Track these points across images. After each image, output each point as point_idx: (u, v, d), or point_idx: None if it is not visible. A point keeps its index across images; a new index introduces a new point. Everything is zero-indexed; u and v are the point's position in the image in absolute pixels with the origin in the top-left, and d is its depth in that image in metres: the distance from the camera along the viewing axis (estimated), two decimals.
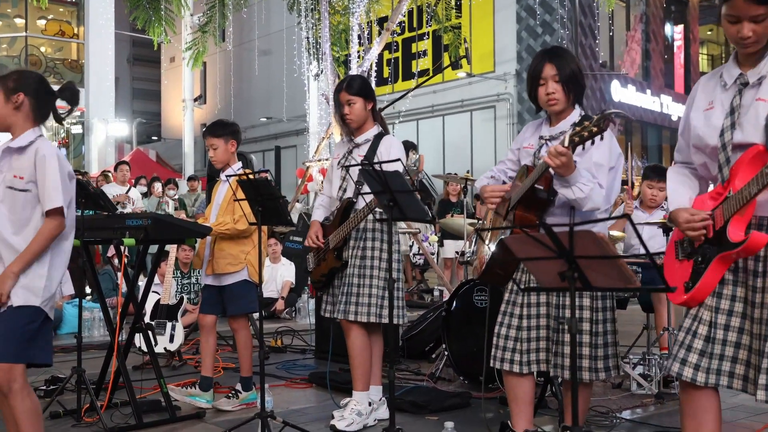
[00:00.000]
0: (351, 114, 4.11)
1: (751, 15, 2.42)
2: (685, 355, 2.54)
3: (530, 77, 3.34)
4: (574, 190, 3.07)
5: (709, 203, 2.57)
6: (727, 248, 2.44)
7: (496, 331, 3.39)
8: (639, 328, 5.44)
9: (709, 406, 2.56)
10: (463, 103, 21.97)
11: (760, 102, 2.47)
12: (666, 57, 25.06)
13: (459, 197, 10.10)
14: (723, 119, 2.54)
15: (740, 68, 2.57)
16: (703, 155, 2.63)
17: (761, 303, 2.45)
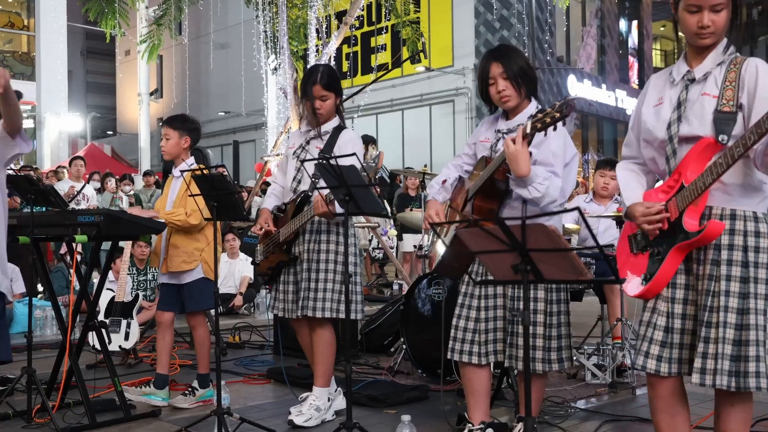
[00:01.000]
0: (322, 109, 4.05)
1: (711, 4, 2.48)
2: (647, 347, 2.59)
3: (480, 78, 3.38)
4: (530, 189, 3.11)
5: (661, 196, 2.62)
6: (684, 238, 2.49)
7: (454, 324, 3.41)
8: (594, 319, 5.52)
9: (678, 395, 2.62)
10: (422, 98, 22.02)
11: (705, 96, 2.54)
12: (620, 52, 25.40)
13: (417, 191, 10.13)
14: (670, 113, 2.60)
15: (688, 65, 2.63)
16: (652, 149, 2.68)
17: (701, 290, 2.52)
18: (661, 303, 2.59)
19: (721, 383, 2.45)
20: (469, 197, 3.41)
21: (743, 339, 2.46)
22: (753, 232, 2.51)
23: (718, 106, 2.50)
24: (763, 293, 2.49)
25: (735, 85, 2.50)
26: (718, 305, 2.47)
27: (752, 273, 2.49)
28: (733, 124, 2.47)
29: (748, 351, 2.45)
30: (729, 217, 2.52)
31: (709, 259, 2.52)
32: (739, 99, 2.49)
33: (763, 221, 2.55)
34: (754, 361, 2.45)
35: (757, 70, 2.49)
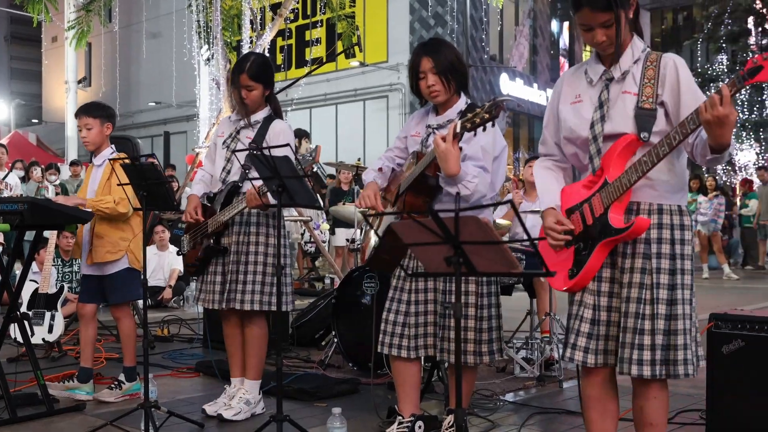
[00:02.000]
0: (248, 99, 3.99)
1: (600, 22, 2.54)
2: (574, 339, 2.63)
3: (410, 71, 3.39)
4: (459, 187, 3.14)
5: (583, 192, 2.66)
6: (610, 234, 2.54)
7: (384, 317, 3.42)
8: (523, 313, 5.60)
9: (609, 385, 2.67)
10: (357, 92, 22.01)
11: (626, 94, 2.59)
12: (552, 52, 25.85)
13: (350, 185, 10.12)
14: (592, 112, 2.64)
15: (603, 65, 2.68)
16: (574, 146, 2.72)
17: (629, 283, 2.58)
18: (588, 296, 2.64)
19: (653, 373, 2.51)
20: (400, 192, 3.42)
21: (672, 329, 2.53)
22: (678, 225, 2.59)
23: (638, 104, 2.55)
24: (688, 283, 2.58)
25: (654, 82, 2.56)
26: (651, 297, 2.54)
27: (679, 265, 2.57)
28: (654, 120, 2.53)
29: (677, 340, 2.53)
30: (657, 211, 2.59)
31: (640, 253, 2.58)
32: (659, 96, 2.55)
33: (686, 214, 2.64)
34: (682, 350, 2.53)
35: (676, 68, 2.56)
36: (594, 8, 2.51)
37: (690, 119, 2.36)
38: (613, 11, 2.51)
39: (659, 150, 2.43)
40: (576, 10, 2.57)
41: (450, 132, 3.02)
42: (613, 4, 2.50)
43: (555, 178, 2.83)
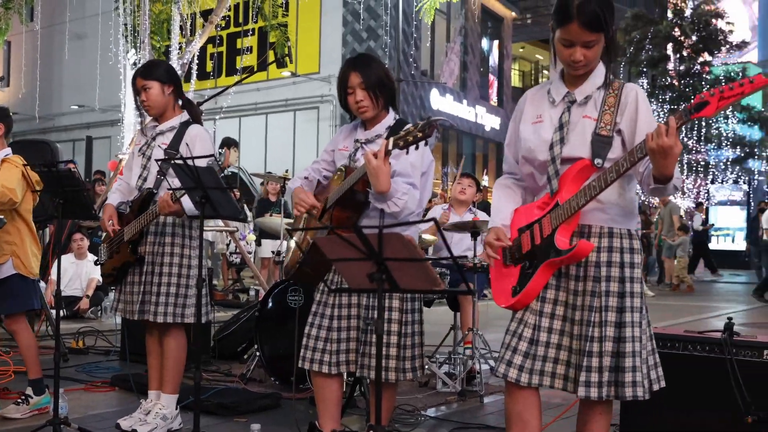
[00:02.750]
0: (148, 100, 3.91)
1: (584, 41, 2.55)
2: (510, 356, 2.64)
3: (339, 86, 3.37)
4: (389, 204, 3.13)
5: (536, 212, 2.69)
6: (554, 255, 2.56)
7: (306, 332, 3.38)
8: (446, 328, 5.64)
9: (533, 405, 2.68)
10: (287, 103, 21.90)
11: (586, 119, 2.62)
12: (482, 70, 26.24)
13: (278, 196, 10.04)
14: (552, 134, 2.66)
15: (567, 86, 2.70)
16: (531, 167, 2.75)
17: (581, 306, 2.61)
18: (530, 315, 2.65)
19: (600, 395, 2.54)
20: (328, 206, 3.40)
21: (620, 351, 2.57)
22: (628, 249, 2.64)
23: (596, 130, 2.59)
24: (638, 306, 2.62)
25: (614, 110, 2.59)
26: (599, 320, 2.57)
27: (628, 288, 2.61)
28: (609, 148, 2.57)
29: (625, 362, 2.56)
30: (607, 235, 2.63)
31: (590, 276, 2.61)
32: (617, 124, 2.59)
33: (635, 238, 2.68)
34: (630, 372, 2.56)
35: (636, 98, 2.61)
36: (583, 25, 2.51)
37: (638, 148, 2.40)
38: (600, 33, 2.54)
39: (608, 176, 2.47)
40: (563, 24, 2.55)
41: (382, 149, 3.01)
42: (603, 26, 2.52)
43: (512, 197, 2.85)
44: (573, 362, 2.62)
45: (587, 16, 2.50)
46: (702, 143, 26.24)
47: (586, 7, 2.49)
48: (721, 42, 27.04)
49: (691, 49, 26.82)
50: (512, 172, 2.90)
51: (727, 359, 3.35)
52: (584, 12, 2.49)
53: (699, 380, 3.43)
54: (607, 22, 2.52)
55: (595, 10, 2.49)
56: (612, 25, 2.56)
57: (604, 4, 2.52)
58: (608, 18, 2.52)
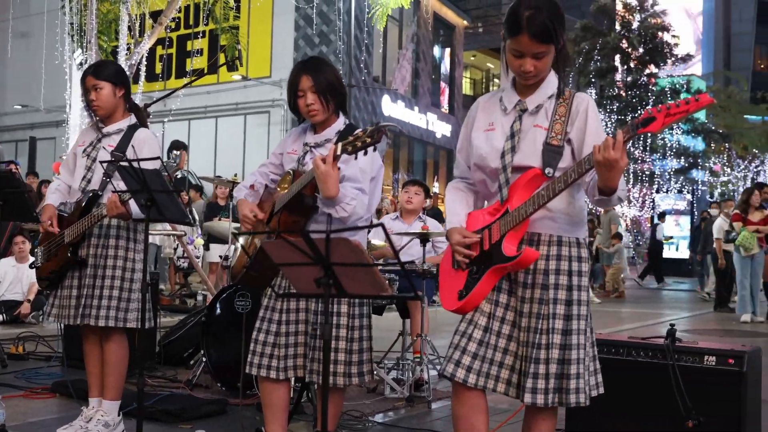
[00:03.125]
0: (98, 100, 3.85)
1: (534, 52, 2.57)
2: (459, 357, 2.64)
3: (289, 89, 3.35)
4: (337, 209, 3.12)
5: (486, 218, 2.71)
6: (501, 261, 2.58)
7: (254, 337, 3.35)
8: (395, 334, 5.64)
9: (480, 407, 2.69)
10: (238, 106, 21.74)
11: (537, 128, 2.64)
12: (433, 77, 26.40)
13: (227, 201, 9.95)
14: (504, 142, 2.68)
15: (519, 95, 2.72)
16: (483, 174, 2.76)
17: (528, 312, 2.63)
18: (481, 317, 2.66)
19: (546, 401, 2.56)
20: (275, 211, 3.37)
21: (566, 358, 2.59)
22: (576, 257, 2.66)
23: (547, 139, 2.61)
24: (584, 314, 2.65)
25: (564, 120, 2.62)
26: (546, 327, 2.59)
27: (575, 296, 2.63)
28: (560, 157, 2.60)
29: (570, 369, 2.59)
30: (556, 243, 2.65)
31: (538, 283, 2.63)
32: (567, 134, 2.62)
33: (584, 246, 2.71)
34: (575, 379, 2.59)
35: (587, 108, 2.64)
36: (533, 37, 2.53)
37: (586, 159, 2.43)
38: (550, 44, 2.55)
39: (556, 186, 2.50)
40: (513, 35, 2.56)
41: (330, 154, 3.00)
42: (552, 37, 2.54)
43: (465, 200, 2.86)
44: (518, 368, 2.64)
45: (537, 28, 2.52)
46: (648, 153, 26.82)
47: (536, 19, 2.52)
48: (666, 54, 27.72)
49: (637, 60, 27.43)
50: (464, 177, 2.92)
51: (669, 365, 3.41)
52: (534, 24, 2.52)
53: (642, 385, 3.49)
54: (556, 33, 2.54)
55: (544, 22, 2.52)
56: (562, 36, 2.58)
57: (554, 16, 2.55)
58: (558, 29, 2.55)
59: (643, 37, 27.17)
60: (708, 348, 3.43)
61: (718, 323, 10.46)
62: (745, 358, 3.32)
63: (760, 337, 8.82)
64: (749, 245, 10.15)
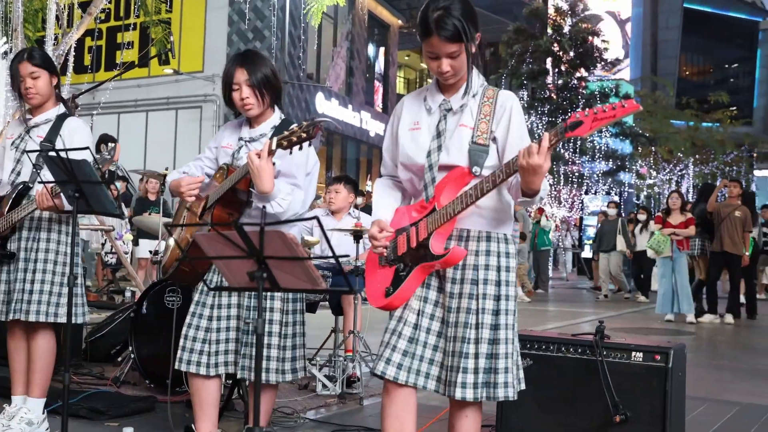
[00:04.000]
0: (35, 88, 3.73)
1: (447, 52, 2.59)
2: (389, 355, 2.64)
3: (224, 82, 3.31)
4: (272, 205, 3.10)
5: (414, 215, 2.71)
6: (429, 259, 2.59)
7: (184, 333, 3.30)
8: (327, 331, 5.62)
9: (410, 404, 2.69)
10: (169, 101, 21.37)
11: (463, 128, 2.66)
12: (368, 76, 26.42)
13: (157, 195, 9.78)
14: (430, 141, 2.69)
15: (443, 94, 2.74)
16: (409, 172, 2.77)
17: (457, 307, 2.64)
18: (411, 315, 2.67)
19: (476, 396, 2.58)
20: (208, 205, 3.32)
21: (494, 352, 2.61)
22: (504, 253, 2.69)
23: (473, 138, 2.63)
24: (511, 309, 2.68)
25: (489, 119, 2.64)
26: (476, 322, 2.61)
27: (503, 291, 2.66)
28: (486, 156, 2.62)
29: (498, 363, 2.61)
30: (485, 239, 2.67)
31: (468, 279, 2.65)
32: (492, 132, 2.64)
33: (511, 242, 2.74)
34: (503, 373, 2.61)
35: (511, 107, 2.66)
36: (443, 38, 2.54)
37: (513, 162, 2.46)
38: (461, 43, 2.56)
39: (484, 186, 2.52)
40: (425, 37, 2.59)
41: (265, 149, 2.98)
42: (463, 36, 2.55)
43: (392, 195, 2.87)
44: (447, 365, 2.65)
45: (446, 29, 2.54)
46: (577, 155, 27.38)
47: (445, 21, 2.54)
48: (596, 59, 28.36)
49: (568, 64, 27.98)
50: (391, 175, 2.92)
51: (597, 361, 3.48)
52: (442, 25, 2.54)
53: (572, 381, 3.55)
54: (467, 31, 2.56)
55: (453, 23, 2.54)
56: (475, 33, 2.61)
57: (464, 14, 2.56)
58: (468, 27, 2.56)
59: (574, 41, 27.73)
60: (635, 344, 3.51)
61: (643, 322, 10.75)
62: (670, 354, 3.41)
63: (682, 335, 9.10)
64: (659, 248, 10.43)
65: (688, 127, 37.12)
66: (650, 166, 34.59)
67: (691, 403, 3.90)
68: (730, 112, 39.45)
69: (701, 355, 7.59)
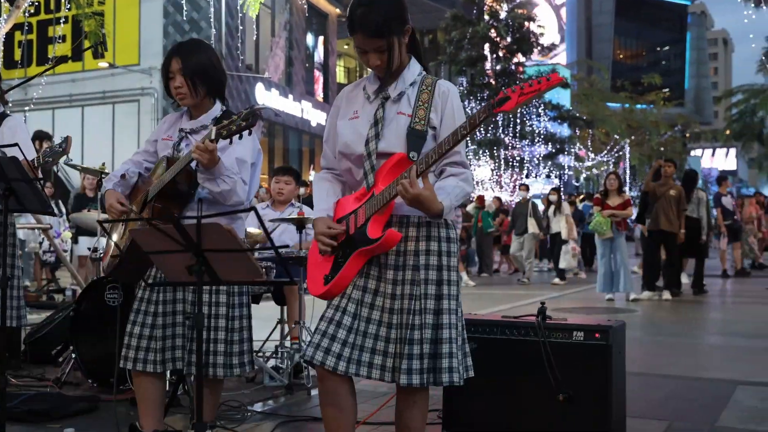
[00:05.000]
0: None
1: (374, 47, 2.61)
2: (328, 344, 2.61)
3: (162, 71, 3.28)
4: (218, 182, 3.07)
5: (353, 203, 2.72)
6: (365, 244, 2.59)
7: (128, 330, 3.25)
8: (273, 322, 5.60)
9: (349, 393, 2.69)
10: (105, 95, 20.98)
11: (401, 115, 2.67)
12: (307, 65, 26.29)
13: (96, 191, 9.58)
14: (368, 129, 2.69)
15: (381, 83, 2.74)
16: (348, 162, 2.76)
17: (401, 294, 2.64)
18: (350, 304, 2.66)
19: (422, 381, 2.58)
20: (149, 199, 3.27)
21: (438, 338, 2.62)
22: (445, 238, 2.70)
23: (411, 125, 2.64)
24: (454, 294, 2.69)
25: (427, 106, 2.66)
26: (420, 308, 2.61)
27: (445, 276, 2.67)
28: (423, 142, 2.63)
29: (442, 348, 2.62)
30: (425, 225, 2.68)
31: (409, 265, 2.65)
32: (431, 120, 2.66)
33: (452, 228, 2.75)
34: (447, 358, 2.62)
35: (448, 94, 2.69)
36: (366, 34, 2.57)
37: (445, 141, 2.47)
38: (385, 38, 2.58)
39: (417, 168, 2.52)
40: (351, 33, 2.62)
41: (206, 138, 2.95)
42: (385, 32, 2.56)
43: (333, 189, 2.86)
44: (391, 352, 2.64)
45: (368, 26, 2.58)
46: (518, 140, 27.71)
47: (367, 18, 2.57)
48: (533, 44, 28.70)
49: (506, 50, 28.26)
50: (331, 168, 2.92)
51: (540, 341, 3.53)
52: (365, 23, 2.58)
53: (516, 363, 3.60)
54: (390, 26, 2.59)
55: (375, 19, 2.57)
56: (402, 26, 2.64)
57: (387, 10, 2.59)
58: (392, 22, 2.59)
59: (511, 27, 28.02)
60: (576, 324, 3.57)
61: (584, 302, 10.96)
62: (610, 332, 3.48)
63: (623, 312, 9.31)
64: (601, 230, 10.65)
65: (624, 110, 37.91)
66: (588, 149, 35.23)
67: (632, 379, 4.00)
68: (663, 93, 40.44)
69: (641, 332, 7.78)
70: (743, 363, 5.89)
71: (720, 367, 5.72)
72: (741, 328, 7.97)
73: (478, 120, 2.41)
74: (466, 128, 2.44)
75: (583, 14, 45.50)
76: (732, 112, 38.48)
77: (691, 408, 4.36)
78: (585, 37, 45.69)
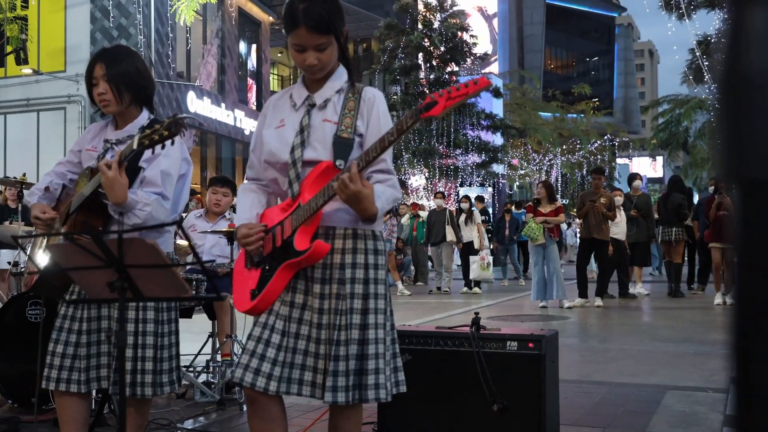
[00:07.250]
0: None
1: (315, 44, 2.54)
2: (257, 365, 2.53)
3: (85, 77, 3.17)
4: (130, 216, 2.96)
5: (280, 215, 2.64)
6: (292, 256, 2.52)
7: (50, 349, 3.11)
8: (204, 336, 5.47)
9: (279, 412, 2.61)
10: (29, 102, 20.32)
11: (326, 123, 2.61)
12: (240, 73, 26.02)
13: (17, 203, 9.26)
14: (294, 137, 2.63)
15: (308, 90, 2.69)
16: (274, 171, 2.69)
17: (328, 309, 2.55)
18: (278, 321, 2.58)
19: (347, 399, 2.49)
20: (70, 211, 3.14)
21: (364, 353, 2.54)
22: (372, 250, 2.63)
23: (337, 132, 2.58)
24: (381, 308, 2.61)
25: (354, 114, 2.60)
26: (345, 323, 2.53)
27: (372, 289, 2.59)
28: (350, 150, 2.57)
29: (368, 364, 2.54)
30: (351, 236, 2.60)
31: (335, 278, 2.57)
32: (357, 127, 2.60)
33: (380, 239, 2.68)
34: (373, 374, 2.54)
35: (375, 100, 2.64)
36: (312, 29, 2.50)
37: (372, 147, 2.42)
38: (329, 35, 2.53)
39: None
40: (292, 28, 2.53)
41: (116, 158, 2.84)
42: (330, 28, 2.51)
43: (257, 200, 2.78)
44: (321, 368, 2.56)
45: (313, 19, 2.51)
46: (451, 149, 27.93)
47: (312, 11, 2.51)
48: (466, 53, 29.01)
49: (439, 59, 28.49)
50: (257, 178, 2.84)
51: (474, 352, 3.52)
52: (310, 16, 2.51)
53: (451, 374, 3.58)
54: (334, 23, 2.55)
55: (320, 13, 2.52)
56: (342, 27, 2.59)
57: (331, 7, 2.55)
58: (336, 21, 2.56)
59: (444, 36, 28.26)
60: (510, 334, 3.57)
61: (518, 309, 11.07)
62: (543, 341, 3.49)
63: (555, 320, 9.43)
64: (534, 236, 10.81)
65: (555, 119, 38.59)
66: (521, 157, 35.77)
67: (565, 387, 4.03)
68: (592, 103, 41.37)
69: (573, 339, 7.88)
70: (672, 368, 6.01)
71: (650, 372, 5.82)
72: (670, 334, 8.15)
73: (406, 125, 2.36)
74: (393, 134, 2.39)
75: (515, 24, 46.26)
76: (658, 122, 39.57)
77: (623, 414, 4.41)
78: (517, 47, 46.44)
